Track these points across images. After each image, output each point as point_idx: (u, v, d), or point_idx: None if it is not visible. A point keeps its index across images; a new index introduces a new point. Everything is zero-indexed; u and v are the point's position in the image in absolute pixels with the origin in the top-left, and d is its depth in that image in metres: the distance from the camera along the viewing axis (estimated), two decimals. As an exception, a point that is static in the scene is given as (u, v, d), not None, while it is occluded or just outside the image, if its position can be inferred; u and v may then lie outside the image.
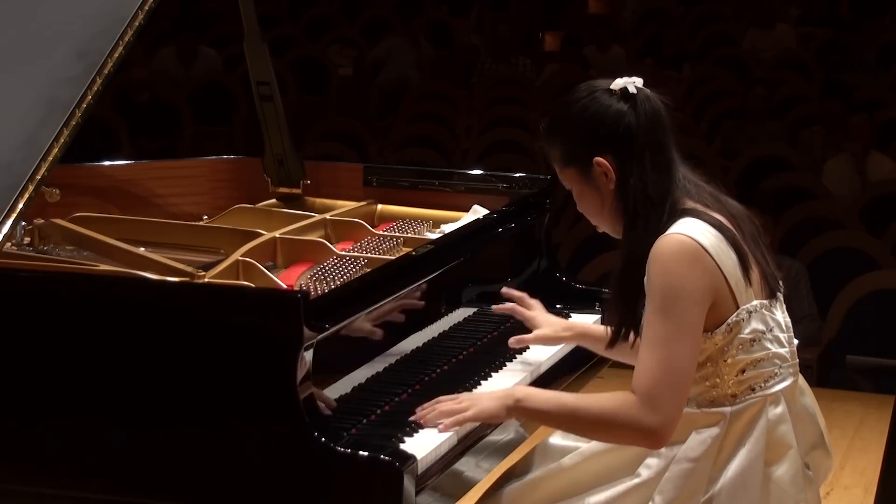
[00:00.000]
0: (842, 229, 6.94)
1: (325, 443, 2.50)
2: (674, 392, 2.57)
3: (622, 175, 2.67)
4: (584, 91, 2.74)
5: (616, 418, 2.60)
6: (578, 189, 2.76)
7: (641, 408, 2.57)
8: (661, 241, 2.60)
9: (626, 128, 2.67)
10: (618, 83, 2.71)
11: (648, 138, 2.67)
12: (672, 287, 2.57)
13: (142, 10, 3.14)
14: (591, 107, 2.70)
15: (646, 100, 2.69)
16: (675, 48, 10.90)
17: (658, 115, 2.69)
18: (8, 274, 2.82)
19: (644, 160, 2.66)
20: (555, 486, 2.80)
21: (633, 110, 2.67)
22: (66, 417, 2.67)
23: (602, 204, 2.73)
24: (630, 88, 2.69)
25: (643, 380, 2.58)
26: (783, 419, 2.68)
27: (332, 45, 11.65)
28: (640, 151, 2.66)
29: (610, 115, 2.68)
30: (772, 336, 2.68)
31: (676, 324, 2.56)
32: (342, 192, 3.94)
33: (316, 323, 2.59)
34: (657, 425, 2.57)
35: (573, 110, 2.73)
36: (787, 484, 2.67)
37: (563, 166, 2.77)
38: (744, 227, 2.71)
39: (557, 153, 2.77)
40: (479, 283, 3.45)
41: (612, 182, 2.69)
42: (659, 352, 2.57)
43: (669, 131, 2.71)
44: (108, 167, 3.99)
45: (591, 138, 2.69)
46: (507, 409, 2.70)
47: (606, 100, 2.70)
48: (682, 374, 2.58)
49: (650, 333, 2.59)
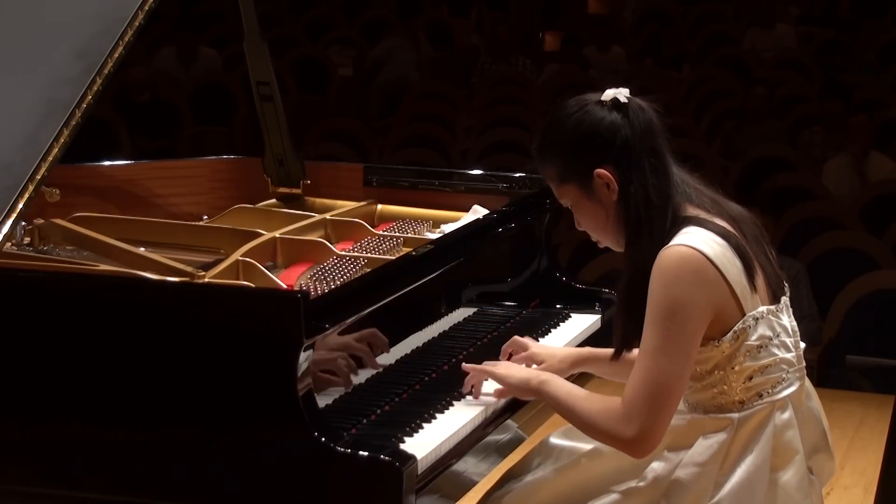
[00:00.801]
0: (842, 229, 6.93)
1: (325, 443, 2.50)
2: (652, 405, 2.56)
3: (624, 184, 2.66)
4: (574, 106, 2.73)
5: (599, 422, 2.63)
6: (579, 205, 2.74)
7: (621, 418, 2.58)
8: (665, 254, 2.59)
9: (623, 137, 2.66)
10: (608, 94, 2.71)
11: (645, 146, 2.67)
12: (671, 301, 2.56)
13: (142, 10, 3.14)
14: (585, 120, 2.70)
15: (638, 109, 2.69)
16: (675, 48, 10.90)
17: (651, 123, 2.69)
18: (8, 274, 2.82)
19: (643, 167, 2.66)
20: (558, 488, 2.80)
21: (627, 119, 2.67)
22: (66, 417, 2.66)
23: (605, 217, 2.71)
24: (620, 98, 2.69)
25: (627, 389, 2.59)
26: (790, 424, 2.67)
27: (332, 45, 11.66)
28: (638, 159, 2.66)
29: (605, 126, 2.67)
30: (779, 341, 2.67)
31: (668, 338, 2.56)
32: (342, 192, 3.94)
33: (316, 323, 2.59)
34: (632, 436, 2.57)
35: (567, 126, 2.72)
36: (794, 489, 2.67)
37: (561, 183, 2.76)
38: (746, 230, 2.71)
39: (554, 171, 2.75)
40: (479, 283, 3.45)
41: (615, 193, 2.68)
42: (646, 364, 2.57)
43: (663, 137, 2.71)
44: (108, 167, 3.99)
45: (590, 151, 2.68)
46: (529, 388, 2.78)
47: (599, 112, 2.69)
48: (664, 387, 2.56)
49: (643, 344, 2.60)
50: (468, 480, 2.83)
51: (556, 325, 3.47)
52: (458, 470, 2.73)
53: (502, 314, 3.49)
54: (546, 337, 3.38)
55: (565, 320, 3.53)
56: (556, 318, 3.51)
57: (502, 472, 2.95)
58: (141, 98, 9.46)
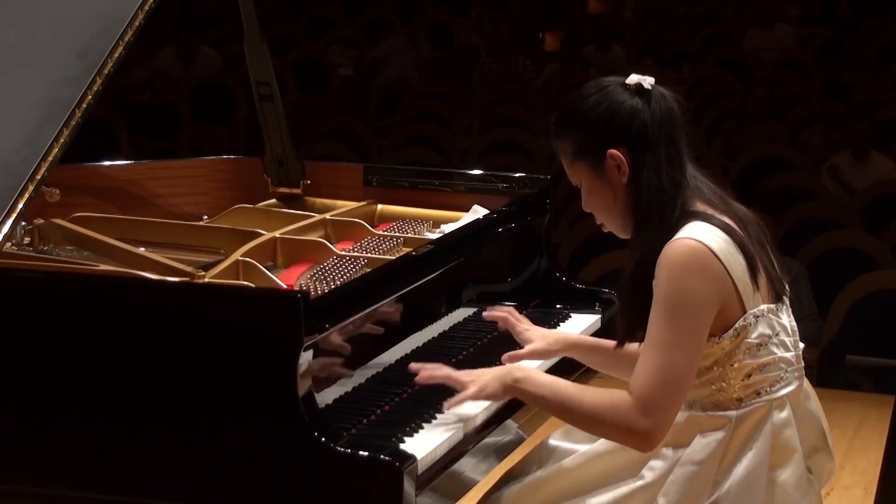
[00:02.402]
0: (842, 229, 6.93)
1: (325, 443, 2.50)
2: (668, 398, 2.57)
3: (636, 168, 2.66)
4: (595, 87, 2.73)
5: (608, 416, 2.60)
6: (589, 184, 2.74)
7: (634, 410, 2.57)
8: (671, 246, 2.59)
9: (642, 122, 2.66)
10: (633, 79, 2.70)
11: (663, 134, 2.66)
12: (679, 293, 2.56)
13: (142, 10, 3.14)
14: (605, 100, 2.69)
15: (661, 97, 2.69)
16: (675, 48, 10.90)
17: (672, 112, 2.69)
18: (8, 274, 2.82)
19: (659, 154, 2.66)
20: (557, 487, 2.80)
21: (648, 106, 2.67)
22: (66, 417, 2.66)
23: (613, 199, 2.71)
24: (645, 84, 2.69)
25: (640, 382, 2.58)
26: (788, 423, 2.67)
27: (332, 45, 11.65)
28: (654, 145, 2.66)
29: (625, 109, 2.67)
30: (778, 340, 2.67)
31: (680, 331, 2.56)
32: (342, 192, 3.94)
33: (316, 323, 2.59)
34: (647, 429, 2.57)
35: (587, 104, 2.71)
36: (792, 488, 2.67)
37: (574, 160, 2.75)
38: (751, 230, 2.71)
39: (569, 147, 2.75)
40: (479, 283, 3.45)
41: (625, 175, 2.67)
42: (659, 357, 2.57)
43: (682, 129, 2.71)
44: (108, 167, 3.99)
45: (606, 131, 2.68)
46: (504, 387, 2.72)
47: (621, 94, 2.69)
48: (679, 381, 2.57)
49: (652, 337, 2.59)
50: (468, 480, 2.83)
51: (556, 325, 3.47)
52: (458, 470, 2.73)
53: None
54: (546, 337, 3.38)
55: (565, 320, 3.53)
56: (556, 318, 3.51)
57: (502, 473, 2.95)
58: (141, 98, 9.46)
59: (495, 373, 2.77)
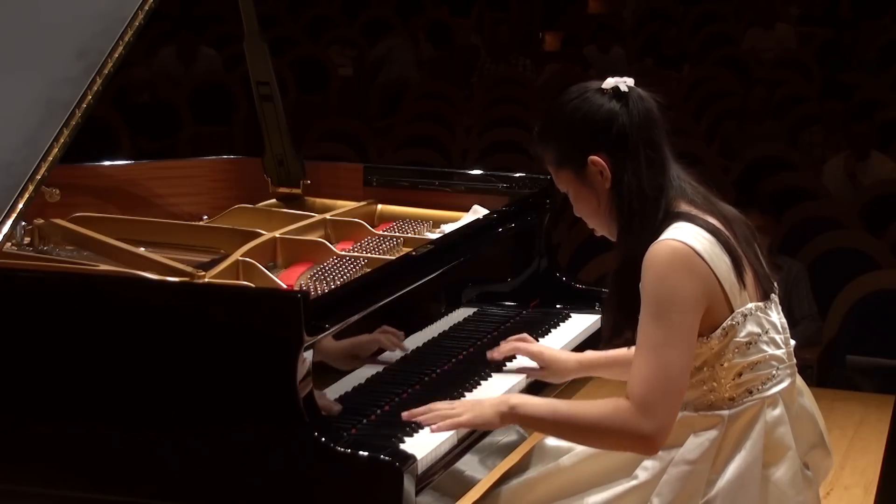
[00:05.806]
0: (842, 229, 6.93)
1: (326, 443, 2.50)
2: (668, 398, 2.57)
3: (617, 173, 2.67)
4: (574, 92, 2.74)
5: (611, 425, 2.60)
6: (574, 191, 2.75)
7: (636, 414, 2.57)
8: (655, 248, 2.59)
9: (620, 126, 2.67)
10: (609, 82, 2.71)
11: (642, 136, 2.67)
12: (666, 293, 2.57)
13: (142, 10, 3.14)
14: (582, 107, 2.70)
15: (638, 99, 2.69)
16: (675, 48, 10.90)
17: (650, 114, 2.70)
18: (8, 274, 2.82)
19: (638, 158, 2.66)
20: (553, 485, 2.80)
21: (626, 108, 2.67)
22: (66, 418, 2.67)
23: (598, 204, 2.72)
24: (622, 87, 2.69)
25: (638, 386, 2.58)
26: (781, 421, 2.68)
27: (332, 45, 11.66)
28: (634, 149, 2.66)
29: (602, 114, 2.68)
30: (768, 338, 2.67)
31: (671, 330, 2.56)
32: (342, 192, 3.94)
33: (316, 323, 2.59)
34: (651, 431, 2.57)
35: (565, 111, 2.73)
36: (787, 485, 2.67)
37: (557, 168, 2.76)
38: (737, 229, 2.71)
39: (551, 156, 2.76)
40: (479, 283, 3.45)
41: (608, 181, 2.68)
42: (653, 358, 2.57)
43: (662, 130, 2.71)
44: (108, 167, 3.99)
45: (585, 137, 2.69)
46: (501, 415, 2.69)
47: (598, 99, 2.70)
48: (676, 380, 2.57)
49: (645, 340, 2.59)
50: (468, 479, 2.84)
51: (556, 325, 3.47)
52: (458, 469, 2.73)
53: (502, 314, 3.49)
54: (546, 337, 3.38)
55: (565, 320, 3.53)
56: (555, 318, 3.51)
57: (502, 472, 2.95)
58: (141, 98, 9.46)
59: (491, 401, 2.75)
